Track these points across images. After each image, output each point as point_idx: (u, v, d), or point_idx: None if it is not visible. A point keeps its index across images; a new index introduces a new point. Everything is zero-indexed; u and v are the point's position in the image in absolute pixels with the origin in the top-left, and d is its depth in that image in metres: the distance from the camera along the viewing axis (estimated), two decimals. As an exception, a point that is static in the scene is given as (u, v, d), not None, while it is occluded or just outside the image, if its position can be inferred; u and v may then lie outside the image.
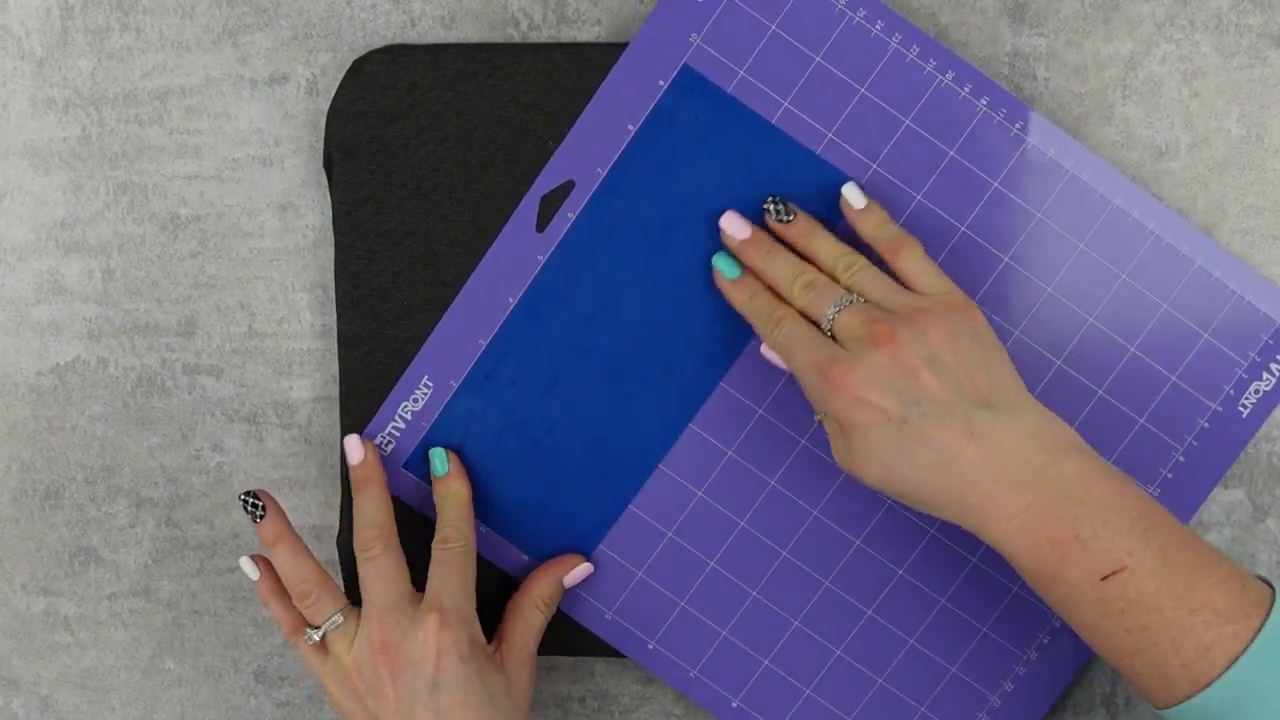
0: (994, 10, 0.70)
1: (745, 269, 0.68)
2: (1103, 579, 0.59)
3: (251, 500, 0.68)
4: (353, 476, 0.69)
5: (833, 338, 0.64)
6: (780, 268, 0.66)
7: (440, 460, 0.71)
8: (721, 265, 0.68)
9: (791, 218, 0.67)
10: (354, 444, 0.70)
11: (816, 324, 0.64)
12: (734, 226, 0.68)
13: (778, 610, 0.71)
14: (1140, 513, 0.60)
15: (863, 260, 0.65)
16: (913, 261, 0.65)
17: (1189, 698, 0.58)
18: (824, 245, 0.67)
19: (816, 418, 0.67)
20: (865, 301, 0.64)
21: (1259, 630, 0.57)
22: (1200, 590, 0.58)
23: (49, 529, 0.75)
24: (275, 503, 0.69)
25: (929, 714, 0.71)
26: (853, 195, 0.67)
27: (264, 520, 0.68)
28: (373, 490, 0.69)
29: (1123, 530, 0.59)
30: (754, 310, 0.67)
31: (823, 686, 0.72)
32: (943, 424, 0.61)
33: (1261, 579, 0.60)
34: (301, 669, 0.76)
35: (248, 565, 0.69)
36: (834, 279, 0.66)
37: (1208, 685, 0.57)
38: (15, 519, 0.75)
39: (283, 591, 0.69)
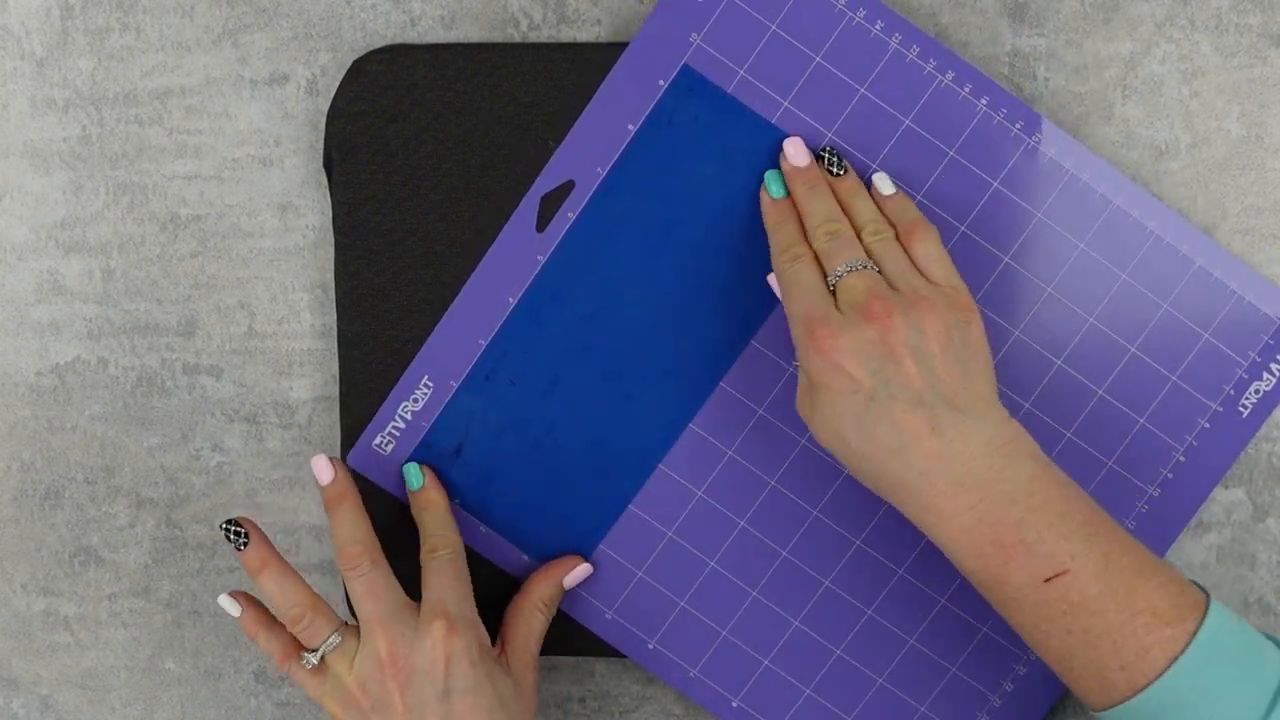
0: (994, 10, 0.70)
1: (789, 195, 0.68)
2: (1046, 581, 0.60)
3: (234, 529, 0.67)
4: (325, 496, 0.68)
5: (834, 293, 0.64)
6: (816, 206, 0.67)
7: (415, 475, 0.70)
8: (771, 183, 0.69)
9: (843, 172, 0.68)
10: (321, 464, 0.68)
11: (826, 274, 0.65)
12: (795, 152, 0.68)
13: (778, 610, 0.71)
14: (1084, 518, 0.61)
15: (891, 233, 0.66)
16: (927, 247, 0.65)
17: (1127, 699, 0.59)
18: (863, 207, 0.67)
19: (795, 363, 0.67)
20: (877, 271, 0.64)
21: (1195, 633, 0.59)
22: (1141, 594, 0.59)
23: (49, 529, 0.75)
24: (258, 529, 0.67)
25: (929, 714, 0.71)
26: (882, 183, 0.68)
27: (247, 548, 0.67)
28: (348, 507, 0.67)
29: (1067, 534, 0.60)
30: (778, 236, 0.67)
31: (823, 686, 0.72)
32: (909, 411, 0.61)
33: (1197, 585, 0.61)
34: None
35: (227, 603, 0.68)
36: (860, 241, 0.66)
37: (1146, 686, 0.58)
38: (15, 519, 0.75)
39: (268, 622, 0.67)
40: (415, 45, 0.70)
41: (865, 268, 0.64)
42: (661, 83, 0.69)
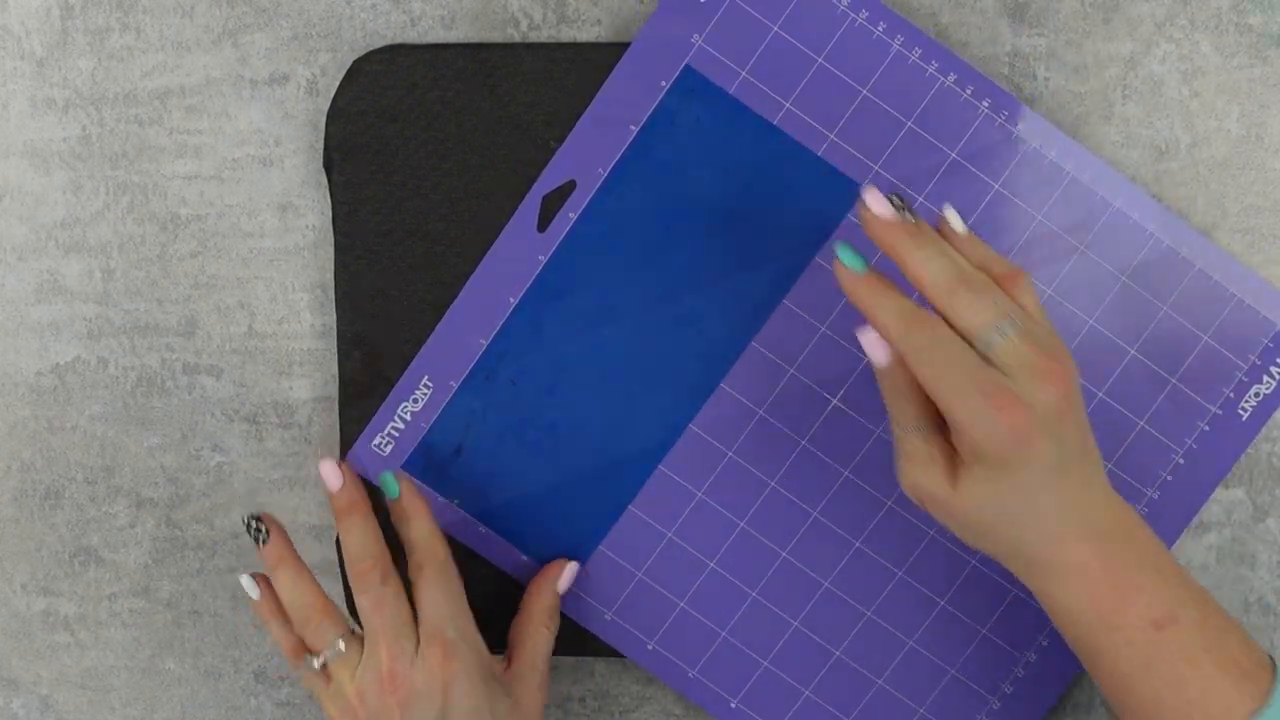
0: (994, 10, 0.70)
1: (868, 267, 0.59)
2: (1157, 628, 0.59)
3: (256, 524, 0.67)
4: (334, 505, 0.67)
5: (984, 358, 0.57)
6: (936, 261, 0.57)
7: (390, 484, 0.68)
8: (845, 256, 0.58)
9: (915, 220, 0.58)
10: (330, 470, 0.67)
11: (969, 337, 0.57)
12: (878, 203, 0.58)
13: (778, 611, 0.72)
14: (1176, 567, 0.60)
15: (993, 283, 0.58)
16: (1031, 294, 0.59)
17: None
18: (956, 258, 0.58)
19: (894, 426, 0.60)
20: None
21: (1271, 690, 0.58)
22: (1227, 648, 0.59)
23: (49, 529, 0.75)
24: (279, 526, 0.67)
25: (928, 715, 0.72)
26: (955, 222, 0.60)
27: (267, 545, 0.67)
28: (358, 518, 0.66)
29: (1173, 582, 0.59)
30: (888, 312, 0.57)
31: (822, 687, 0.72)
32: (1068, 473, 0.58)
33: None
34: (302, 668, 0.76)
35: (248, 584, 0.68)
36: None
37: None
38: (15, 519, 0.75)
39: (284, 613, 0.68)
40: (415, 45, 0.70)
41: (1016, 325, 0.56)
42: (663, 83, 0.69)
